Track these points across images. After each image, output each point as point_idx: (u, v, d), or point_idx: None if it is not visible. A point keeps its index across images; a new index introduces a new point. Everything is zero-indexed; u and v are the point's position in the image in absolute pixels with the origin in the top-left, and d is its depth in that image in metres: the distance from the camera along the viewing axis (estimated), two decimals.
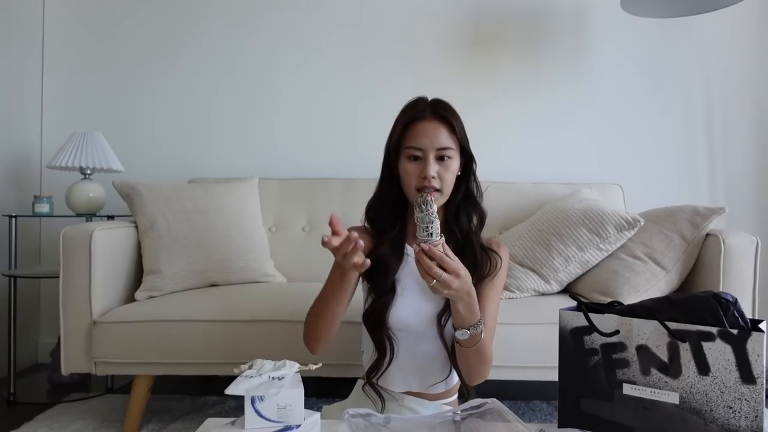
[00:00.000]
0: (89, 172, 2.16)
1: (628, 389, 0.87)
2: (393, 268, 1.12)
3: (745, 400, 0.79)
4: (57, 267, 1.68)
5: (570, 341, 0.93)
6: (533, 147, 2.45)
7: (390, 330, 1.11)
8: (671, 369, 0.84)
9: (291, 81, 2.46)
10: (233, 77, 2.47)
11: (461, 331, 1.02)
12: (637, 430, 0.86)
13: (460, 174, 1.15)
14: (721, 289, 1.55)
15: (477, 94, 2.45)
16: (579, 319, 0.92)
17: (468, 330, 1.02)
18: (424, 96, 1.15)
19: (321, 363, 0.95)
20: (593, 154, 2.45)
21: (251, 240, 1.95)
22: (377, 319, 1.11)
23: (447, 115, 1.10)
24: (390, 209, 1.17)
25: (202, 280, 1.82)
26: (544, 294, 1.79)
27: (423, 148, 1.09)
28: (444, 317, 1.11)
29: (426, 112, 1.11)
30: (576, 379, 0.92)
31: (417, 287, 1.13)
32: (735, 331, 0.80)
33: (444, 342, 1.12)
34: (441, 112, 1.11)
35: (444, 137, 1.09)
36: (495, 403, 0.94)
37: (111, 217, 2.18)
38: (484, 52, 2.47)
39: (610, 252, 1.76)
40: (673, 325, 0.84)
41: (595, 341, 0.90)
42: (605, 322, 0.90)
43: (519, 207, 2.12)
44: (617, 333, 0.88)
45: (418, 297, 1.13)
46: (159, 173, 2.42)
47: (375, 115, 2.37)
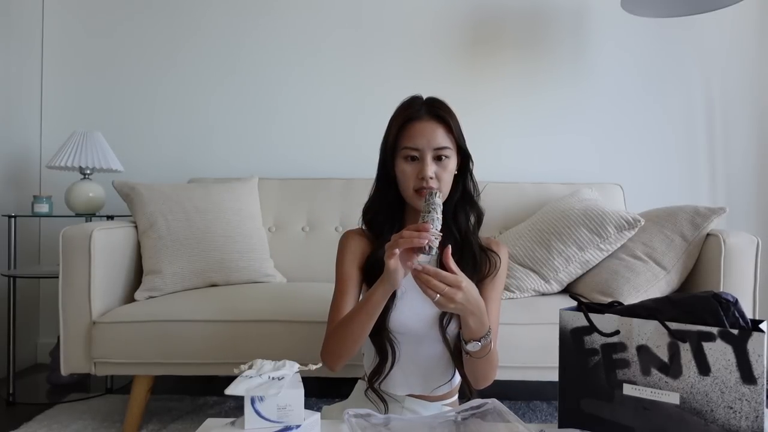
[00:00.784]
0: (89, 172, 2.16)
1: (628, 389, 0.87)
2: None
3: (746, 400, 0.79)
4: (56, 267, 1.68)
5: (570, 341, 0.92)
6: (533, 147, 2.45)
7: (391, 334, 1.10)
8: (672, 369, 0.84)
9: (291, 81, 2.46)
10: (233, 77, 2.47)
11: (473, 344, 1.00)
12: (638, 430, 0.86)
13: (456, 173, 1.13)
14: (722, 289, 1.55)
15: (477, 94, 2.45)
16: (579, 319, 0.91)
17: (479, 341, 1.00)
18: (419, 95, 1.13)
19: (321, 363, 0.95)
20: (593, 154, 2.45)
21: (251, 240, 1.95)
22: (378, 323, 1.08)
23: (443, 114, 1.09)
24: (388, 211, 1.15)
25: (201, 280, 1.82)
26: (544, 294, 1.79)
27: (420, 148, 1.07)
28: (445, 319, 1.09)
29: (422, 111, 1.09)
30: (576, 379, 0.92)
31: (417, 290, 1.10)
32: (735, 332, 0.80)
33: (447, 344, 1.11)
34: (437, 111, 1.09)
35: (441, 137, 1.08)
36: (495, 404, 0.94)
37: (111, 217, 2.18)
38: (484, 52, 2.47)
39: (610, 252, 1.76)
40: (674, 326, 0.84)
41: (596, 341, 0.90)
42: (605, 322, 0.90)
43: (519, 207, 2.12)
44: (617, 333, 0.88)
45: (418, 300, 1.10)
46: (159, 173, 2.42)
47: (375, 115, 2.33)
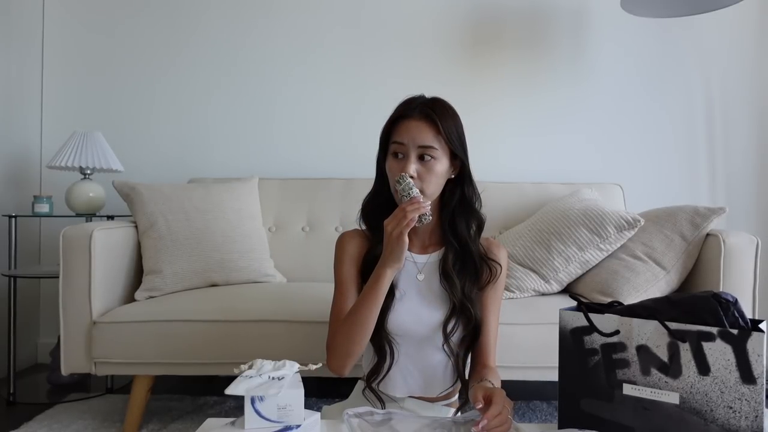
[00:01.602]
0: (89, 172, 2.16)
1: (628, 389, 0.87)
2: None
3: (746, 400, 0.79)
4: (57, 267, 1.68)
5: (570, 341, 0.92)
6: (533, 147, 2.45)
7: (389, 335, 1.09)
8: (671, 369, 0.84)
9: (290, 81, 2.46)
10: (233, 77, 2.47)
11: None
12: (637, 430, 0.86)
13: (453, 178, 1.12)
14: (721, 289, 1.55)
15: (477, 93, 2.45)
16: (579, 319, 0.91)
17: None
18: (422, 94, 1.12)
19: (321, 363, 0.95)
20: (593, 154, 2.45)
21: (251, 240, 1.95)
22: (377, 324, 1.07)
23: (433, 115, 1.07)
24: (384, 207, 1.13)
25: (201, 280, 1.82)
26: (544, 294, 1.79)
27: (404, 143, 1.07)
28: (450, 326, 1.08)
29: (416, 110, 1.08)
30: (576, 379, 0.92)
31: (416, 292, 1.11)
32: (735, 331, 0.80)
33: (450, 351, 1.10)
34: (429, 111, 1.07)
35: (427, 136, 1.06)
36: None
37: (111, 217, 2.18)
38: (483, 51, 2.47)
39: (610, 252, 1.76)
40: (674, 325, 0.84)
41: (595, 341, 0.90)
42: (605, 322, 0.90)
43: (519, 207, 2.12)
44: (617, 333, 0.88)
45: (417, 303, 1.10)
46: (159, 173, 2.42)
47: (375, 115, 2.32)
